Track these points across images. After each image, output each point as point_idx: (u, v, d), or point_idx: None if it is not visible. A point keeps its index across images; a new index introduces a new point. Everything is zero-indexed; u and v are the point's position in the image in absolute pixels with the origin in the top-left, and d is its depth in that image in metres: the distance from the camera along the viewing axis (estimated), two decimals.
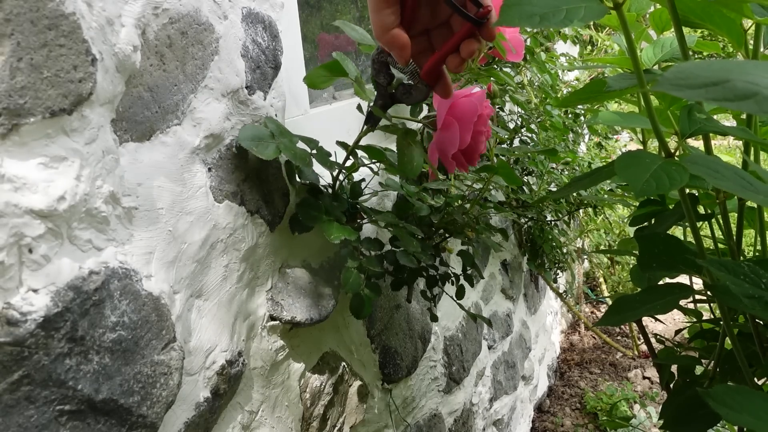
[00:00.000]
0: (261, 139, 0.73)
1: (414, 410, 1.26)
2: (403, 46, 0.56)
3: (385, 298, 1.12)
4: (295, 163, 0.76)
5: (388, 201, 1.09)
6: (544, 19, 0.44)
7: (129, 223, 0.57)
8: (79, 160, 0.49)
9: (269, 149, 0.72)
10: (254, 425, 0.79)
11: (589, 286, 3.23)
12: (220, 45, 0.70)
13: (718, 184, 0.48)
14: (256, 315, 0.79)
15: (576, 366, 2.64)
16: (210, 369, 0.68)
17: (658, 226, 0.81)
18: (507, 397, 1.89)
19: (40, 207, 0.45)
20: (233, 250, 0.73)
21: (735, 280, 0.51)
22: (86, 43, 0.48)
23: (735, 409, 0.46)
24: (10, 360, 0.44)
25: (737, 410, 0.46)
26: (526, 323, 2.15)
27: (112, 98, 0.54)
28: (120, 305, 0.54)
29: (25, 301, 0.45)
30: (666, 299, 0.63)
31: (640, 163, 0.51)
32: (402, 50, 0.56)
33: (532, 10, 0.44)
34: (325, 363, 0.94)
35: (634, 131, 0.84)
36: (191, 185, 0.66)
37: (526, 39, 1.64)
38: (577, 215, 2.40)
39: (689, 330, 0.98)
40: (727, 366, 0.75)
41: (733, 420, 0.46)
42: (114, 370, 0.52)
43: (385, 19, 0.55)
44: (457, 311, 1.48)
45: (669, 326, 2.47)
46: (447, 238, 1.07)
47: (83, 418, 0.50)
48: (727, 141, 4.78)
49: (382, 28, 0.56)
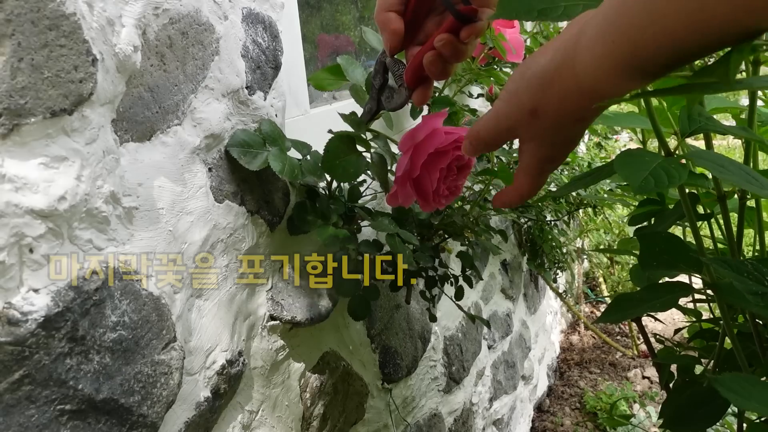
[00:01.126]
0: (250, 146, 0.71)
1: (414, 410, 1.26)
2: (393, 31, 0.52)
3: (385, 298, 1.12)
4: (281, 177, 0.72)
5: None
6: (542, 14, 0.43)
7: (129, 223, 0.57)
8: (79, 160, 0.49)
9: (257, 160, 0.70)
10: (254, 425, 0.79)
11: (588, 286, 3.23)
12: (220, 45, 0.70)
13: (724, 177, 0.48)
14: (257, 315, 0.79)
15: (576, 366, 2.64)
16: (210, 369, 0.68)
17: (657, 225, 0.82)
18: (507, 396, 1.89)
19: (40, 207, 0.45)
20: (233, 250, 0.73)
21: (739, 278, 0.51)
22: (87, 43, 0.49)
23: (743, 396, 0.46)
24: (11, 360, 0.44)
25: (745, 397, 0.46)
26: (525, 323, 2.15)
27: (113, 98, 0.54)
28: (120, 305, 0.54)
29: (26, 300, 0.45)
30: (666, 297, 0.64)
31: (639, 161, 0.51)
32: (391, 35, 0.52)
33: (531, 5, 0.44)
34: (325, 363, 0.94)
35: (634, 131, 0.84)
36: (191, 185, 0.66)
37: (526, 39, 1.63)
38: (576, 215, 2.40)
39: (689, 330, 0.98)
40: (726, 365, 0.75)
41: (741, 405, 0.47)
42: (114, 369, 0.52)
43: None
44: (457, 311, 1.48)
45: (668, 326, 2.47)
46: (446, 239, 1.07)
47: (84, 418, 0.50)
48: (727, 141, 4.79)
49: (381, 6, 0.52)
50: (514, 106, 0.43)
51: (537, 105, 0.41)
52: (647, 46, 0.33)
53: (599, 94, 0.38)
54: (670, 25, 0.31)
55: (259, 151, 0.72)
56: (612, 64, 0.35)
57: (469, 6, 0.49)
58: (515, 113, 0.43)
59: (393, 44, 0.53)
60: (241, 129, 0.74)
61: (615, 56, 0.35)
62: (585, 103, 0.39)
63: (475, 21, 0.49)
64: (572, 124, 0.41)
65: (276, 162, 0.71)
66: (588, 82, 0.37)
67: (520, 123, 0.43)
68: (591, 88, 0.38)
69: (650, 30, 0.32)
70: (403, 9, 0.53)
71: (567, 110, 0.40)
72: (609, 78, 0.36)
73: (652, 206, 0.86)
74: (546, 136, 0.43)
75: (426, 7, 0.54)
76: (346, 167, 0.67)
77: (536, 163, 0.45)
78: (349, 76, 0.78)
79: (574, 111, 0.40)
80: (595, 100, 0.38)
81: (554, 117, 0.41)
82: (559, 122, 0.41)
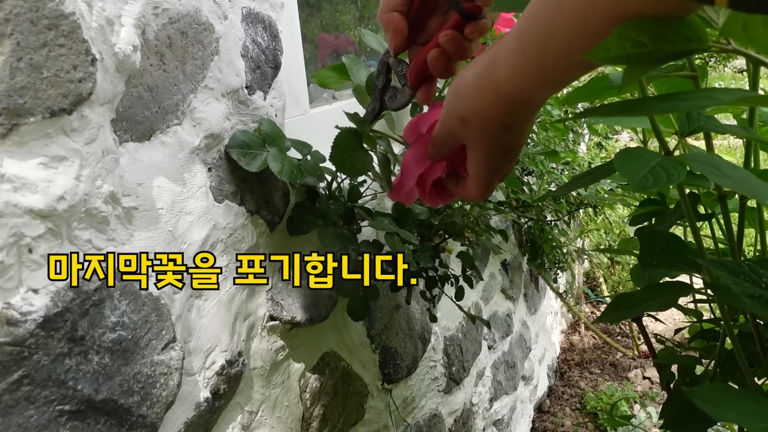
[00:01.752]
0: (250, 147, 0.71)
1: (414, 410, 1.26)
2: (396, 30, 0.52)
3: (385, 298, 1.11)
4: (281, 177, 0.73)
5: (388, 202, 1.09)
6: None
7: (129, 223, 0.57)
8: (78, 160, 0.49)
9: (256, 161, 0.70)
10: (254, 425, 0.78)
11: (589, 286, 3.23)
12: (220, 45, 0.70)
13: (719, 181, 0.48)
14: (256, 315, 0.79)
15: (576, 366, 2.64)
16: (210, 369, 0.68)
17: (658, 225, 0.81)
18: (507, 397, 1.89)
19: (39, 207, 0.45)
20: (233, 250, 0.73)
21: (735, 280, 0.51)
22: (86, 43, 0.48)
23: (720, 407, 0.47)
24: (10, 360, 0.44)
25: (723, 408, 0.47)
26: (526, 323, 2.15)
27: (112, 98, 0.54)
28: (120, 305, 0.54)
29: (25, 301, 0.45)
30: (666, 297, 0.64)
31: (638, 159, 0.51)
32: (394, 34, 0.53)
33: None
34: (325, 363, 0.93)
35: (635, 131, 0.84)
36: (191, 185, 0.66)
37: None
38: (577, 215, 2.40)
39: (689, 330, 0.98)
40: (727, 366, 0.74)
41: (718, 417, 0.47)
42: (114, 370, 0.52)
43: None
44: (457, 311, 1.48)
45: (669, 326, 2.47)
46: (447, 239, 1.07)
47: (83, 418, 0.49)
48: (727, 141, 4.79)
49: (384, 6, 0.52)
50: (449, 113, 0.47)
51: (464, 112, 0.45)
52: (551, 56, 0.37)
53: (517, 100, 0.42)
54: (563, 37, 0.36)
55: (259, 152, 0.72)
56: (525, 74, 0.40)
57: (473, 3, 0.49)
58: (450, 120, 0.47)
59: (397, 44, 0.54)
60: (240, 130, 0.74)
61: (526, 65, 0.39)
62: (506, 109, 0.43)
63: (480, 18, 0.50)
64: (497, 129, 0.45)
65: (275, 163, 0.71)
66: (506, 89, 0.41)
67: (455, 128, 0.47)
68: (509, 95, 0.42)
69: (550, 41, 0.37)
70: (407, 9, 0.53)
71: (490, 116, 0.44)
72: (524, 85, 0.40)
73: (653, 206, 0.86)
74: (477, 141, 0.47)
75: (429, 7, 0.54)
76: (353, 162, 0.67)
77: (477, 171, 0.49)
78: (353, 75, 0.78)
79: (497, 116, 0.44)
80: (515, 107, 0.43)
81: (479, 123, 0.45)
82: (484, 127, 0.45)
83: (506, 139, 0.46)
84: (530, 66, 0.39)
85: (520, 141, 0.47)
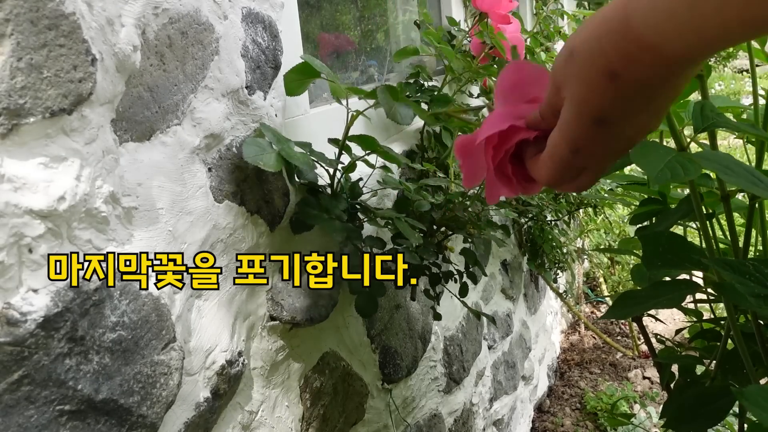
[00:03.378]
0: (264, 150, 0.72)
1: (414, 410, 1.26)
2: None
3: (385, 298, 1.11)
4: (301, 168, 0.75)
5: (388, 201, 1.09)
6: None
7: (129, 223, 0.57)
8: (79, 160, 0.49)
9: (272, 160, 0.71)
10: (254, 425, 0.78)
11: (589, 286, 3.23)
12: (220, 45, 0.70)
13: (729, 180, 0.48)
14: (256, 315, 0.79)
15: (576, 366, 2.64)
16: (210, 369, 0.68)
17: (659, 224, 0.81)
18: (507, 397, 1.89)
19: (40, 207, 0.45)
20: (233, 250, 0.73)
21: (740, 279, 0.51)
22: (86, 43, 0.48)
23: None
24: (10, 360, 0.44)
25: None
26: (526, 323, 2.15)
27: (112, 98, 0.54)
28: (120, 305, 0.54)
29: (25, 301, 0.45)
30: (673, 294, 0.64)
31: (656, 153, 0.51)
32: None
33: None
34: (325, 363, 0.93)
35: None
36: (191, 185, 0.66)
37: (526, 39, 1.63)
38: (577, 215, 2.40)
39: (690, 330, 0.98)
40: (728, 366, 0.74)
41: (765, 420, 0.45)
42: (114, 370, 0.52)
43: None
44: (458, 311, 1.48)
45: (669, 326, 2.47)
46: (449, 235, 1.06)
47: (83, 418, 0.49)
48: (727, 141, 4.78)
49: None
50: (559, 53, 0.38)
51: (575, 42, 0.36)
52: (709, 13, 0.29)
53: (643, 42, 0.33)
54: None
55: (271, 152, 0.73)
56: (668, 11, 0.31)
57: None
58: (558, 60, 0.38)
59: None
60: (248, 140, 0.72)
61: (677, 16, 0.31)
62: (624, 49, 0.33)
63: None
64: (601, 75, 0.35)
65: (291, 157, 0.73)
66: (648, 35, 0.32)
67: (559, 68, 0.38)
68: (637, 32, 0.33)
69: None
70: None
71: (601, 48, 0.34)
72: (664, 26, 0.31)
73: (654, 205, 0.86)
74: (572, 86, 0.37)
75: None
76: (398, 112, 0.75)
77: (556, 140, 0.39)
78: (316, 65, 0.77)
79: (608, 53, 0.34)
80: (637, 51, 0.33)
81: (587, 54, 0.35)
82: (589, 63, 0.35)
83: (606, 99, 0.35)
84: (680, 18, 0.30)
85: (622, 117, 0.36)
